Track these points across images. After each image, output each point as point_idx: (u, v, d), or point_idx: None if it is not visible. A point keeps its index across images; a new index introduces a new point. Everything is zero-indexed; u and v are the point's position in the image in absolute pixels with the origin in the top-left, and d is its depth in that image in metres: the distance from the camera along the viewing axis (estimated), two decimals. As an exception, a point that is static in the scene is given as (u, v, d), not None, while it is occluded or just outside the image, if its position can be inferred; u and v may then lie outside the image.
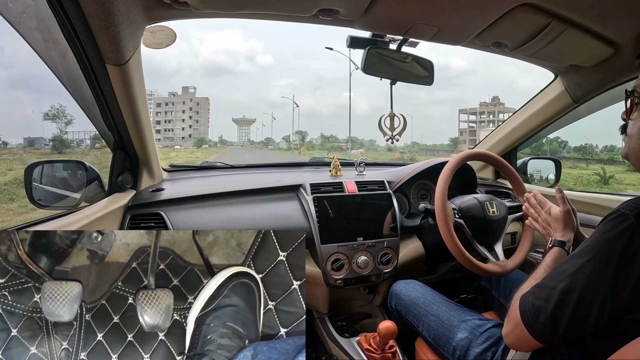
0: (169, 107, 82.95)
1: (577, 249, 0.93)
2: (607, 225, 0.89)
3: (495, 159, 1.70)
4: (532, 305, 0.94)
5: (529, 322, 0.93)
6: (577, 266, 0.89)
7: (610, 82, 1.73)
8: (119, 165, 1.64)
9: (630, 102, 1.01)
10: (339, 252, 1.67)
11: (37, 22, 1.21)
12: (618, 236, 0.85)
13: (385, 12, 1.29)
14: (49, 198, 1.54)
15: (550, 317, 0.89)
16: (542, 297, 0.92)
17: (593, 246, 0.89)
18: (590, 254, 0.88)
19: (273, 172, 2.38)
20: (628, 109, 1.02)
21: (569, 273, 0.90)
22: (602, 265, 0.85)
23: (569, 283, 0.88)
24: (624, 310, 0.83)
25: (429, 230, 1.84)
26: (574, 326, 0.88)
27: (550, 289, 0.92)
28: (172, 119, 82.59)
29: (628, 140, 1.02)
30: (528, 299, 0.96)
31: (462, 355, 1.29)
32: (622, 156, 1.06)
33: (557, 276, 0.92)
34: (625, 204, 0.90)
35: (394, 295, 1.65)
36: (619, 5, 1.24)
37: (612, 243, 0.85)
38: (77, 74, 1.28)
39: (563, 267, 0.93)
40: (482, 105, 71.91)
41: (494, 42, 1.51)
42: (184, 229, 1.58)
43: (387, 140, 1.76)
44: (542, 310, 0.91)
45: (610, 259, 0.84)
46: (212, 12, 1.33)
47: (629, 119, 1.02)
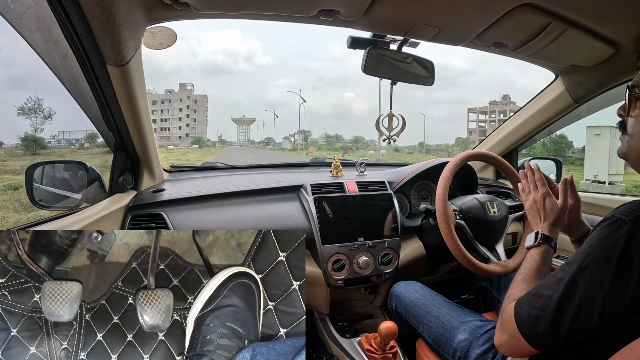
0: (165, 105, 79.38)
1: (573, 256, 0.91)
2: (602, 231, 0.87)
3: (496, 159, 1.70)
4: (529, 315, 0.92)
5: (527, 332, 0.92)
6: (573, 273, 0.87)
7: (611, 82, 1.73)
8: (120, 166, 1.65)
9: (629, 98, 0.98)
10: (339, 253, 1.67)
11: (38, 23, 1.21)
12: (615, 242, 0.83)
13: (385, 13, 1.29)
14: (50, 199, 1.54)
15: (550, 325, 0.88)
16: (539, 306, 0.91)
17: (589, 252, 0.87)
18: (587, 261, 0.86)
19: (274, 172, 2.38)
20: (628, 105, 0.99)
21: (565, 281, 0.88)
22: (600, 271, 0.84)
23: (567, 291, 0.87)
24: (623, 315, 0.82)
25: (429, 231, 1.83)
26: (575, 333, 0.87)
27: (546, 297, 0.90)
28: (168, 118, 78.80)
29: (628, 138, 0.99)
30: (524, 308, 0.94)
31: (463, 356, 1.29)
32: (620, 155, 1.03)
33: (553, 285, 0.90)
34: (620, 208, 0.88)
35: (394, 297, 1.65)
36: (620, 5, 1.23)
37: (609, 249, 0.84)
38: (77, 75, 1.28)
39: (558, 276, 0.91)
40: (493, 104, 70.43)
41: (494, 43, 1.51)
42: (184, 229, 1.58)
43: (385, 140, 1.76)
44: (541, 320, 0.89)
45: (608, 265, 0.83)
46: (213, 13, 1.33)
47: (629, 116, 0.99)
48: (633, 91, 0.97)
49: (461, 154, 1.62)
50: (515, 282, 1.11)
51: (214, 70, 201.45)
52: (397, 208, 1.81)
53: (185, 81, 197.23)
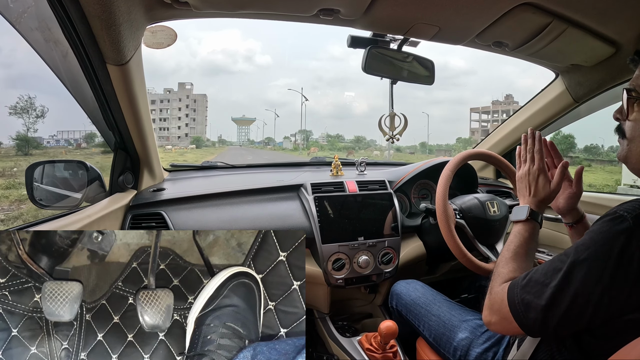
0: (164, 104, 76.19)
1: (572, 247, 0.91)
2: (603, 226, 0.87)
3: (496, 158, 1.70)
4: (522, 300, 0.92)
5: (518, 316, 0.92)
6: (570, 265, 0.87)
7: (611, 81, 1.73)
8: (120, 165, 1.65)
9: (627, 102, 0.97)
10: (339, 252, 1.67)
11: (38, 22, 1.21)
12: (615, 237, 0.83)
13: (386, 12, 1.29)
14: (50, 198, 1.54)
15: (542, 313, 0.88)
16: (533, 292, 0.90)
17: (589, 245, 0.87)
18: (585, 253, 0.86)
19: (274, 171, 2.38)
20: (626, 109, 0.98)
21: (563, 271, 0.87)
22: (598, 265, 0.83)
23: (563, 281, 0.86)
24: (620, 311, 0.82)
25: (430, 230, 1.84)
26: (565, 324, 0.87)
27: (542, 284, 0.90)
28: (167, 117, 75.89)
29: (628, 143, 0.98)
30: (517, 292, 0.93)
31: (463, 355, 1.29)
32: (620, 159, 1.03)
33: (550, 273, 0.90)
34: (623, 205, 0.87)
35: (395, 296, 1.65)
36: (620, 4, 1.24)
37: (609, 244, 0.83)
38: (78, 74, 1.28)
39: (556, 265, 0.90)
40: (495, 103, 69.95)
41: (494, 42, 1.51)
42: (185, 229, 1.58)
43: (387, 140, 1.76)
44: (533, 306, 0.89)
45: (607, 259, 0.82)
46: (213, 12, 1.33)
47: (628, 120, 0.98)
48: (631, 94, 0.97)
49: (461, 153, 1.62)
50: (503, 260, 1.10)
51: (214, 70, 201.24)
52: (397, 207, 1.81)
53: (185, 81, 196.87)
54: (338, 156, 2.11)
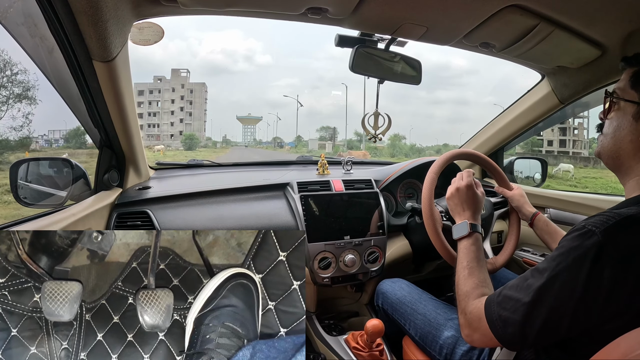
0: (154, 95, 62.60)
1: (544, 262, 0.92)
2: (573, 241, 0.88)
3: (481, 158, 1.71)
4: (499, 316, 0.93)
5: (497, 332, 0.93)
6: (544, 281, 0.88)
7: (597, 83, 1.75)
8: (105, 163, 1.63)
9: (609, 103, 1.03)
10: (326, 251, 1.68)
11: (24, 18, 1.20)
12: (585, 252, 0.84)
13: (374, 11, 1.30)
14: (34, 196, 1.52)
15: (519, 327, 0.89)
16: (509, 308, 0.92)
17: (559, 261, 0.88)
18: (557, 269, 0.87)
19: (260, 170, 2.38)
20: (606, 109, 1.04)
21: (536, 287, 0.89)
22: (571, 279, 0.84)
23: (537, 297, 0.88)
24: (597, 322, 0.83)
25: (415, 229, 1.85)
26: (544, 336, 0.88)
27: (516, 301, 0.91)
28: (158, 111, 62.41)
29: (602, 138, 1.04)
30: (494, 309, 0.95)
31: (449, 353, 1.30)
32: (595, 154, 1.09)
33: (524, 290, 0.91)
34: (591, 219, 0.89)
35: (381, 294, 1.66)
36: (607, 7, 1.25)
37: (579, 259, 0.84)
38: (63, 70, 1.27)
39: (529, 281, 0.92)
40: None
41: (482, 43, 1.52)
42: (170, 227, 1.58)
43: (370, 139, 1.76)
44: (511, 322, 0.91)
45: (579, 274, 0.84)
46: (201, 9, 1.32)
47: (606, 119, 1.04)
48: (611, 96, 1.03)
49: (446, 153, 1.62)
50: (461, 279, 1.14)
51: (214, 70, 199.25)
52: (384, 206, 1.82)
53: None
54: (324, 154, 2.11)
